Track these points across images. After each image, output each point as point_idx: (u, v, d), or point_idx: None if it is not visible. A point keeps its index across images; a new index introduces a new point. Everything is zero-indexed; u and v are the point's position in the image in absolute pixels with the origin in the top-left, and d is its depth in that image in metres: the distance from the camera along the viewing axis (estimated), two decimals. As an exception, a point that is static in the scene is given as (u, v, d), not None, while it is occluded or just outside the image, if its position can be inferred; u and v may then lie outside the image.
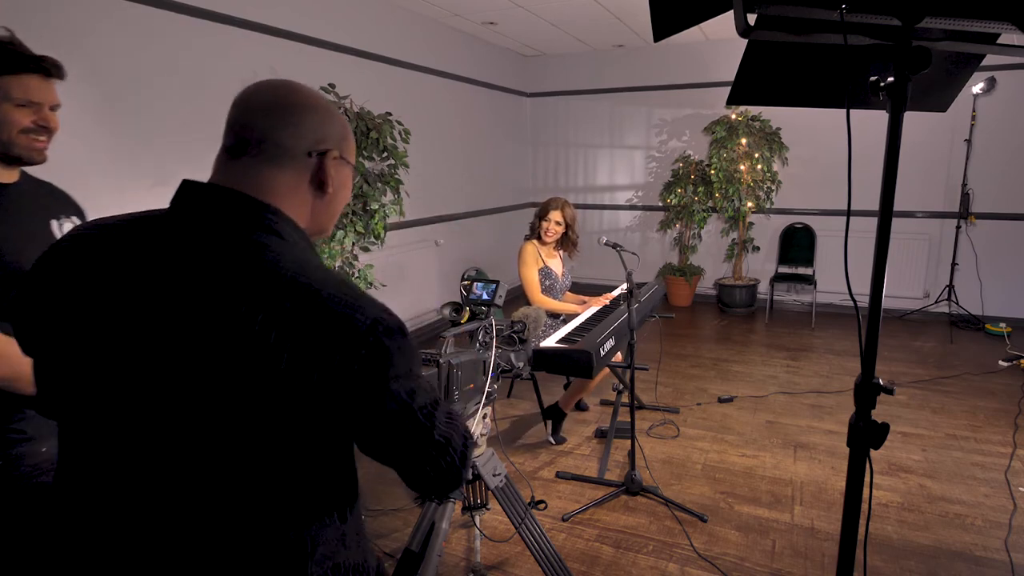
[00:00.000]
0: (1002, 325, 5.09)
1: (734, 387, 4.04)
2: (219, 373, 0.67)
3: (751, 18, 0.93)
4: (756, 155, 5.72)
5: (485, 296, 1.77)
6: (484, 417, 1.67)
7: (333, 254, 3.66)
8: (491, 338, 1.69)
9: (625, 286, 2.78)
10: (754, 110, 5.81)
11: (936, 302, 5.58)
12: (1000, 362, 4.42)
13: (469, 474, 1.38)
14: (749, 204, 5.86)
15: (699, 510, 2.59)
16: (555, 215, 3.28)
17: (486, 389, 1.64)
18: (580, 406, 3.75)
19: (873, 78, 1.03)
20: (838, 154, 5.75)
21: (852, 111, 1.02)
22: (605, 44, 6.29)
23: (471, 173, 6.01)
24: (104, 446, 0.73)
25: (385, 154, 3.87)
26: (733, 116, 5.78)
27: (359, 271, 3.89)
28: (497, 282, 1.79)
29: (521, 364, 1.80)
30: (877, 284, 1.03)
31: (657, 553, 2.34)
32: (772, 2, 0.92)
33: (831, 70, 1.13)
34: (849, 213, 1.06)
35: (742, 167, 5.76)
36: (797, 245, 5.98)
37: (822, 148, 5.80)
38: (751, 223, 6.13)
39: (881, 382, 1.04)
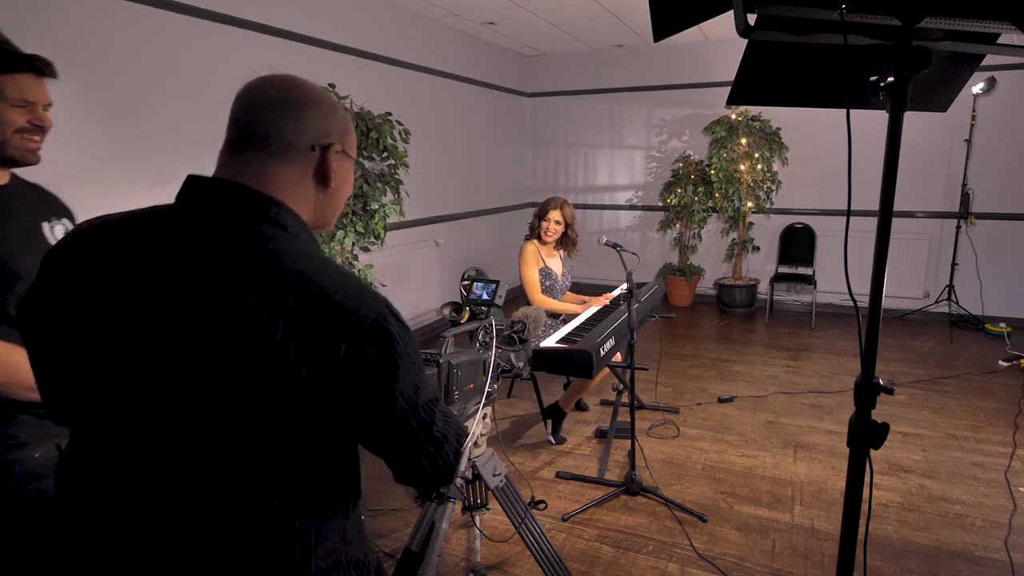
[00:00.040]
0: (1002, 325, 5.09)
1: (734, 387, 4.04)
2: (230, 363, 0.68)
3: (751, 18, 0.93)
4: (756, 155, 5.72)
5: (485, 296, 1.77)
6: (484, 417, 1.67)
7: (333, 254, 3.66)
8: (491, 338, 1.69)
9: (625, 286, 2.78)
10: (754, 110, 5.80)
11: (936, 302, 5.58)
12: (1000, 362, 4.42)
13: (462, 471, 1.37)
14: (749, 204, 5.86)
15: (699, 510, 2.59)
16: (554, 214, 3.28)
17: (486, 389, 1.64)
18: (580, 406, 3.75)
19: (873, 78, 1.03)
20: (838, 154, 5.75)
21: (852, 111, 1.02)
22: (605, 44, 6.29)
23: (471, 173, 6.01)
24: (116, 437, 0.74)
25: (385, 154, 3.87)
26: (733, 116, 5.78)
27: (359, 271, 3.90)
28: (497, 282, 1.79)
29: (521, 364, 1.80)
30: (877, 284, 1.03)
31: (657, 553, 2.35)
32: (772, 2, 0.92)
33: (831, 70, 1.13)
34: (849, 213, 1.06)
35: (742, 167, 5.76)
36: (797, 245, 5.97)
37: (822, 148, 5.80)
38: (751, 223, 6.13)
39: (881, 382, 1.04)
